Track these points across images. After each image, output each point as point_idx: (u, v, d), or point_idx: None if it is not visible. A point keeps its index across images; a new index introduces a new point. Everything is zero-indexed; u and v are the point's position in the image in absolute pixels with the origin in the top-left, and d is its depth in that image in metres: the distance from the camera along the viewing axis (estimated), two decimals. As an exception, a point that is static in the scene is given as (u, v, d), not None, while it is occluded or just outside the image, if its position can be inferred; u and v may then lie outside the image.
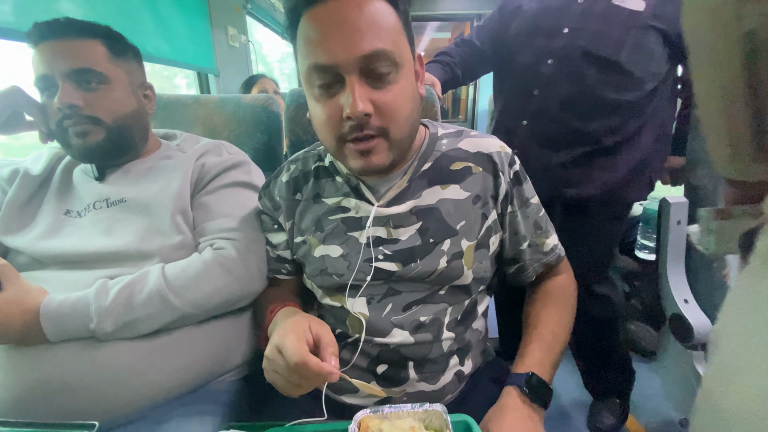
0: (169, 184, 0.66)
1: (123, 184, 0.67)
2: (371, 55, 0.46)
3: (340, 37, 0.46)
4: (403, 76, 0.50)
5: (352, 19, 0.46)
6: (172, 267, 0.59)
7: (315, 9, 0.47)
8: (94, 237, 0.62)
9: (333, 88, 0.48)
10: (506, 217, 0.60)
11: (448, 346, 0.58)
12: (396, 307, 0.57)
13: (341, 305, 0.59)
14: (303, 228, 0.62)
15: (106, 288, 0.55)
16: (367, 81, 0.48)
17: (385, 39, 0.47)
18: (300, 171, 0.64)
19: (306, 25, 0.48)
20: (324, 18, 0.46)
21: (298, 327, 0.46)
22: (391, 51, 0.47)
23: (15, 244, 0.62)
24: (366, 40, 0.46)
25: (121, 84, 0.65)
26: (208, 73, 2.01)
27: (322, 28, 0.46)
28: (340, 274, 0.58)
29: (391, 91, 0.49)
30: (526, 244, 0.62)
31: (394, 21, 0.49)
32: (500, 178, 0.58)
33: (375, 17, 0.47)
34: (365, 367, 0.58)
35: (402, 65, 0.49)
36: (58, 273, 0.60)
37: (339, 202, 0.60)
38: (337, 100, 0.48)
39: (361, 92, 0.46)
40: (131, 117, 0.67)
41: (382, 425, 0.42)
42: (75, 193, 0.67)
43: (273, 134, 1.00)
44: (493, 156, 0.59)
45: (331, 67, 0.47)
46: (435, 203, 0.57)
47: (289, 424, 0.48)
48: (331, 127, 0.50)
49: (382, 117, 0.49)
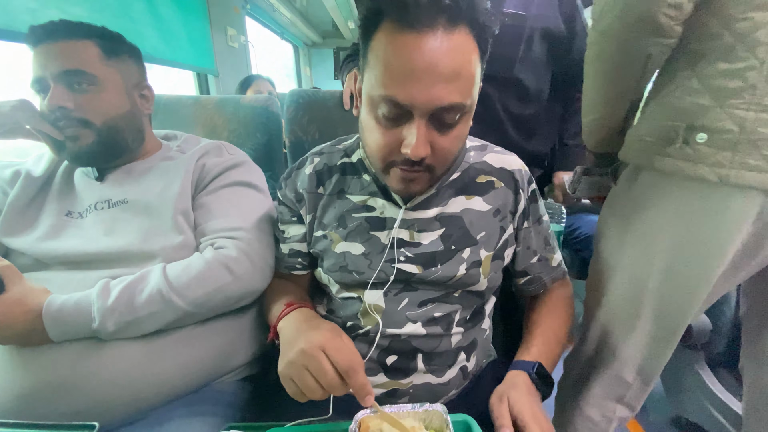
0: (170, 185, 0.66)
1: (124, 184, 0.67)
2: (448, 108, 0.45)
3: (424, 82, 0.43)
4: (465, 121, 0.50)
5: (442, 63, 0.43)
6: (174, 266, 0.59)
7: (404, 31, 0.43)
8: (96, 238, 0.62)
9: (399, 120, 0.47)
10: (521, 231, 0.64)
11: (456, 342, 0.60)
12: (412, 303, 0.58)
13: (358, 296, 0.60)
14: (325, 222, 0.62)
15: (108, 288, 0.55)
16: (433, 124, 0.47)
17: (464, 92, 0.46)
18: (324, 165, 0.65)
19: (391, 46, 0.44)
20: (414, 52, 0.43)
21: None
22: (466, 104, 0.47)
23: (17, 246, 0.62)
24: (448, 91, 0.44)
25: (114, 85, 0.65)
26: (208, 73, 2.01)
27: (408, 63, 0.43)
28: (361, 272, 0.58)
29: (451, 136, 0.49)
30: (536, 258, 0.66)
31: (476, 70, 0.47)
32: (520, 194, 0.62)
33: (463, 64, 0.44)
34: (375, 358, 0.58)
35: (469, 111, 0.49)
36: (61, 273, 0.60)
37: (365, 201, 0.61)
38: (400, 131, 0.47)
39: (425, 135, 0.46)
40: (123, 118, 0.66)
41: (382, 425, 0.42)
42: (76, 194, 0.67)
43: (273, 134, 1.00)
44: (515, 174, 0.62)
45: (405, 106, 0.45)
46: (459, 212, 0.59)
47: (290, 424, 0.48)
48: (385, 152, 0.50)
49: (435, 158, 0.49)
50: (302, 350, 0.44)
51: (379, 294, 0.58)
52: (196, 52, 1.88)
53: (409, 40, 0.43)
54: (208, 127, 1.01)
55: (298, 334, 0.49)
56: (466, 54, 0.45)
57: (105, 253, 0.61)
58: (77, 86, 0.61)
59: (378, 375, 0.58)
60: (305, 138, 1.01)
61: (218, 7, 2.02)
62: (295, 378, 0.44)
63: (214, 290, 0.59)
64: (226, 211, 0.67)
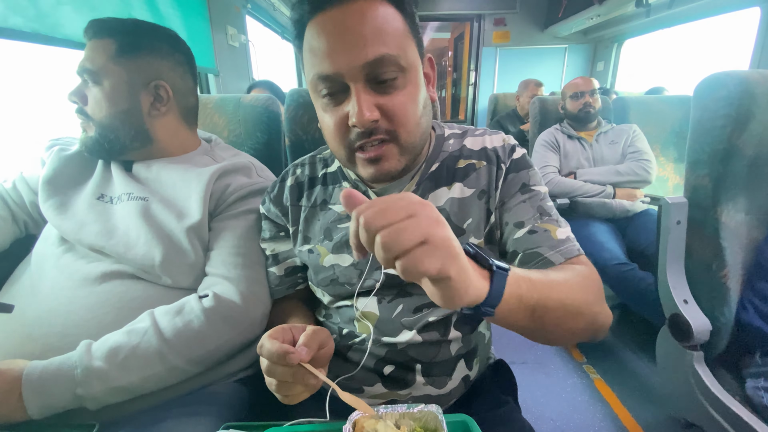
0: (189, 196, 0.66)
1: (147, 182, 0.68)
2: (375, 62, 0.45)
3: (343, 46, 0.45)
4: (410, 80, 0.49)
5: (355, 26, 0.45)
6: (169, 323, 0.56)
7: (319, 18, 0.46)
8: (109, 229, 0.63)
9: (339, 96, 0.48)
10: (506, 204, 0.56)
11: (456, 350, 0.58)
12: (407, 309, 0.56)
13: (351, 304, 0.59)
14: (309, 236, 0.61)
15: (90, 349, 0.52)
16: (372, 87, 0.47)
17: (389, 44, 0.46)
18: (306, 176, 0.64)
19: (310, 34, 0.47)
20: (327, 27, 0.45)
21: (276, 329, 0.46)
22: (396, 55, 0.46)
23: (50, 214, 0.65)
24: (369, 46, 0.45)
25: (116, 83, 0.64)
26: (208, 72, 2.01)
27: (326, 37, 0.45)
28: (352, 283, 0.57)
29: (398, 95, 0.48)
30: (525, 230, 0.53)
31: (399, 25, 0.47)
32: (501, 168, 0.57)
33: (379, 23, 0.45)
34: (372, 367, 0.57)
35: (409, 69, 0.48)
36: (66, 256, 0.62)
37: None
38: (344, 108, 0.47)
39: (366, 99, 0.46)
40: (119, 116, 0.65)
41: (377, 425, 0.42)
42: (111, 179, 0.69)
43: (273, 134, 1.00)
44: (497, 149, 0.59)
45: (335, 76, 0.46)
46: (443, 204, 0.57)
47: (287, 424, 0.48)
48: (339, 136, 0.49)
49: (390, 121, 0.48)
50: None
51: (373, 301, 0.57)
52: (196, 51, 1.87)
53: (322, 19, 0.46)
54: (208, 127, 1.01)
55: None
56: (382, 14, 0.46)
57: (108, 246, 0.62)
58: (84, 83, 0.65)
59: (375, 385, 0.57)
60: (305, 138, 1.01)
61: (219, 7, 2.02)
62: (267, 385, 0.44)
63: (215, 348, 0.58)
64: (238, 245, 0.65)
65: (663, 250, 0.90)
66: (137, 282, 0.62)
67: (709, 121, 0.79)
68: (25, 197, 0.71)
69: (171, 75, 0.70)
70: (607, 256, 1.46)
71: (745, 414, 0.71)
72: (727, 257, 0.79)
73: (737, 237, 0.80)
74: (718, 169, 0.79)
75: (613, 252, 1.48)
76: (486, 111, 3.59)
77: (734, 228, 0.79)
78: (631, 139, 1.71)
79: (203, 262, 0.65)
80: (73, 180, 0.69)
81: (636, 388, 1.38)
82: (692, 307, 0.85)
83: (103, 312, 0.58)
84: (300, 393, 0.44)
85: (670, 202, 0.86)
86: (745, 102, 0.75)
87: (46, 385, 0.49)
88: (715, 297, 0.82)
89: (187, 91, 0.73)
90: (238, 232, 0.66)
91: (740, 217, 0.80)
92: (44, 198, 0.65)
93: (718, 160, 0.79)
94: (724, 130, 0.77)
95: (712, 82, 0.79)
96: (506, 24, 3.96)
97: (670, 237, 0.87)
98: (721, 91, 0.77)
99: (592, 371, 1.49)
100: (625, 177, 1.64)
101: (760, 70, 0.78)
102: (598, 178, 1.67)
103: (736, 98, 0.75)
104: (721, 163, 0.78)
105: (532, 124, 2.01)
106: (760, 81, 0.75)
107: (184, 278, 0.63)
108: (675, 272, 0.89)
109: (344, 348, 0.59)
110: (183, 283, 0.63)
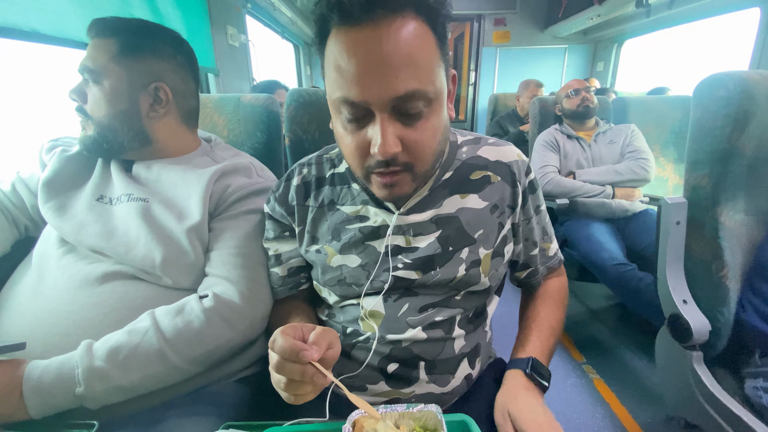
0: (190, 197, 0.66)
1: (147, 182, 0.68)
2: (405, 96, 0.43)
3: (373, 76, 0.42)
4: (434, 110, 0.47)
5: (389, 54, 0.42)
6: (170, 320, 0.56)
7: (350, 34, 0.43)
8: (109, 230, 0.63)
9: (362, 121, 0.46)
10: (520, 225, 0.63)
11: (459, 348, 0.58)
12: (412, 308, 0.57)
13: (357, 303, 0.59)
14: (317, 236, 0.61)
15: (91, 349, 0.52)
16: (397, 118, 0.45)
17: (420, 77, 0.44)
18: (313, 176, 0.63)
19: (338, 50, 0.44)
20: (359, 50, 0.42)
21: (289, 326, 0.45)
22: (426, 90, 0.44)
23: (50, 216, 0.64)
24: (401, 80, 0.42)
25: (115, 83, 0.64)
26: (208, 72, 2.01)
27: (356, 61, 0.42)
28: (360, 284, 0.58)
29: (420, 127, 0.47)
30: (537, 249, 0.66)
31: (431, 47, 0.45)
32: (518, 187, 0.60)
33: (413, 51, 0.43)
34: (376, 365, 0.57)
35: (435, 98, 0.47)
36: (66, 257, 0.62)
37: (357, 211, 0.59)
38: (366, 132, 0.46)
39: (390, 131, 0.44)
40: (117, 117, 0.65)
41: (376, 425, 0.42)
42: (111, 180, 0.69)
43: (273, 134, 1.00)
44: (512, 166, 0.60)
45: (362, 104, 0.44)
46: (455, 212, 0.58)
47: (287, 423, 0.48)
48: (359, 158, 0.49)
49: (410, 154, 0.47)
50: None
51: (378, 300, 0.57)
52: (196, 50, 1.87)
53: (353, 38, 0.42)
54: (209, 126, 1.01)
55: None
56: (416, 39, 0.43)
57: (108, 248, 0.61)
58: (85, 81, 0.65)
59: (379, 383, 0.57)
60: (305, 137, 1.01)
61: (219, 6, 2.02)
62: (274, 383, 0.44)
63: (216, 348, 0.58)
64: (239, 246, 0.65)
65: (662, 250, 0.90)
66: (138, 283, 0.62)
67: (708, 121, 0.80)
68: (25, 200, 0.70)
69: (172, 77, 0.69)
70: (607, 256, 1.47)
71: (744, 414, 0.71)
72: (727, 257, 0.79)
73: (737, 237, 0.80)
74: (718, 170, 0.79)
75: (613, 252, 1.48)
76: (486, 111, 3.59)
77: (734, 228, 0.79)
78: (629, 138, 1.72)
79: (203, 262, 0.65)
80: (72, 181, 0.68)
81: (635, 388, 1.38)
82: (691, 307, 0.85)
83: (103, 312, 0.58)
84: (307, 393, 0.43)
85: (669, 203, 0.86)
86: (744, 102, 0.75)
87: (46, 384, 0.49)
88: (714, 297, 0.82)
89: (187, 94, 0.73)
90: (238, 233, 0.66)
91: (740, 218, 0.80)
92: (44, 200, 0.65)
93: (717, 160, 0.79)
94: (723, 131, 0.77)
95: (712, 83, 0.79)
96: (506, 24, 3.97)
97: (669, 237, 0.87)
98: (720, 92, 0.77)
99: (591, 371, 1.49)
100: (625, 176, 1.64)
101: (759, 71, 0.78)
102: (597, 178, 1.67)
103: (736, 99, 0.75)
104: (721, 163, 0.78)
105: (532, 125, 2.01)
106: (760, 81, 0.76)
107: (184, 279, 0.63)
108: (674, 272, 0.89)
109: (348, 347, 0.59)
110: (183, 284, 0.63)
